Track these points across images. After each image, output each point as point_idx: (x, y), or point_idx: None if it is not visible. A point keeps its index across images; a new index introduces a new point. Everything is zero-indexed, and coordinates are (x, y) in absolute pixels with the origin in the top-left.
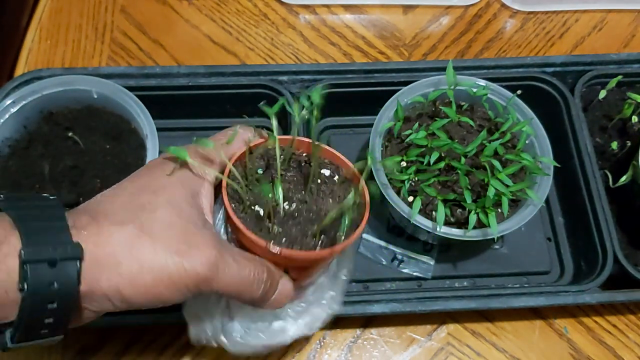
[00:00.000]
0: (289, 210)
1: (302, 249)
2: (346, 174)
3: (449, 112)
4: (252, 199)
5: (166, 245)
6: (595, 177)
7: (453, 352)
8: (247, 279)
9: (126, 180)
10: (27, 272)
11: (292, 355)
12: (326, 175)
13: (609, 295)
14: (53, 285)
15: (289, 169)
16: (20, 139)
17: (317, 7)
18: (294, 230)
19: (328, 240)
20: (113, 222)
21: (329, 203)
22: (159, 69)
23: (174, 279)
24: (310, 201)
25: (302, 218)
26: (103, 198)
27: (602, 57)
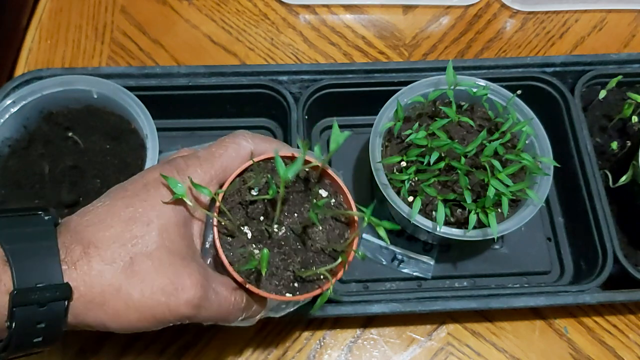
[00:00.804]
0: (277, 235)
1: (279, 283)
2: (345, 211)
3: (449, 112)
4: (243, 220)
5: (153, 286)
6: (595, 177)
7: (453, 352)
8: (226, 311)
9: (120, 198)
10: (15, 314)
11: (292, 355)
12: (323, 196)
13: (609, 295)
14: (40, 324)
15: (289, 187)
16: (20, 138)
17: (317, 7)
18: (278, 259)
19: (308, 282)
20: (103, 259)
21: (318, 233)
22: (159, 69)
23: (158, 317)
24: (300, 228)
25: (289, 247)
26: (96, 220)
27: (602, 57)
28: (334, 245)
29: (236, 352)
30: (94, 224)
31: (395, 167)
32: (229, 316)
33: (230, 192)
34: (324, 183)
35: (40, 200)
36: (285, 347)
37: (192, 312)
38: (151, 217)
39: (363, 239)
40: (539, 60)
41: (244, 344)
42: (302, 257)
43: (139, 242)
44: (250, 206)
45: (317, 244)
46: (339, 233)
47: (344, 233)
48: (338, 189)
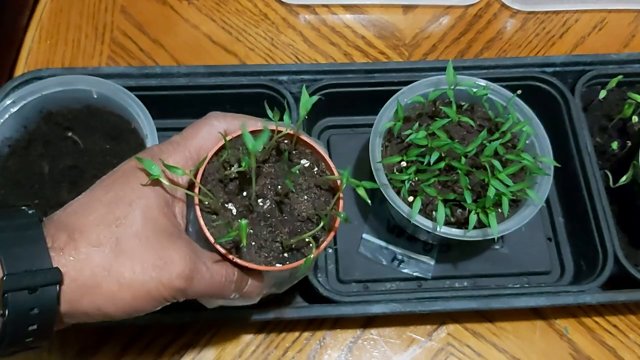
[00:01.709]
0: (262, 209)
1: (269, 255)
2: (327, 177)
3: (449, 112)
4: (226, 197)
5: (143, 262)
6: (595, 177)
7: (453, 353)
8: (220, 283)
9: (100, 186)
10: (7, 300)
11: (292, 355)
12: (305, 167)
13: (610, 296)
14: (33, 311)
15: (269, 160)
16: (20, 138)
17: (317, 7)
18: (265, 231)
19: (296, 250)
20: (90, 242)
21: (304, 200)
22: (159, 69)
23: (152, 293)
24: (285, 200)
25: (275, 219)
26: (79, 207)
27: (602, 57)
28: (320, 212)
29: (236, 352)
30: (76, 212)
31: (395, 167)
32: (223, 290)
33: (209, 171)
34: (304, 152)
35: (40, 200)
36: (285, 347)
37: (184, 285)
38: (132, 198)
39: (363, 239)
40: (539, 60)
41: (244, 344)
42: (290, 228)
43: (123, 222)
44: (231, 183)
45: (303, 213)
46: (325, 200)
47: (330, 200)
48: (319, 156)
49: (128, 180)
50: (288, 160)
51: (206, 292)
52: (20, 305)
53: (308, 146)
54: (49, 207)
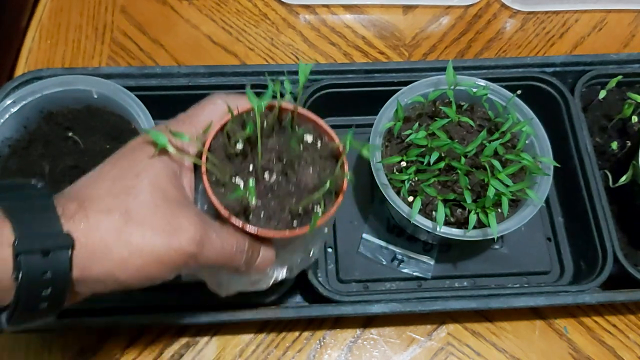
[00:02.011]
0: (268, 182)
1: (278, 224)
2: (329, 144)
3: (449, 112)
4: (233, 170)
5: (153, 228)
6: (595, 177)
7: (453, 352)
8: (230, 252)
9: (108, 162)
10: (20, 263)
11: (292, 355)
12: (309, 142)
13: (609, 295)
14: (46, 274)
15: (272, 135)
16: (21, 138)
17: (317, 7)
18: (273, 203)
19: (304, 214)
20: (100, 209)
21: (309, 173)
22: (159, 69)
23: (163, 259)
24: (290, 172)
25: (282, 190)
26: (88, 182)
27: (602, 57)
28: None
29: (236, 352)
30: (86, 185)
31: (395, 167)
32: (233, 258)
33: (215, 147)
34: (306, 127)
35: None
36: (285, 347)
37: (195, 249)
38: (140, 169)
39: (363, 239)
40: (539, 60)
41: (244, 344)
42: (297, 198)
43: (132, 191)
44: (237, 158)
45: (309, 184)
46: (330, 171)
47: (335, 170)
48: (320, 130)
49: (135, 154)
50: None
51: (217, 259)
52: (33, 268)
53: (309, 120)
54: None
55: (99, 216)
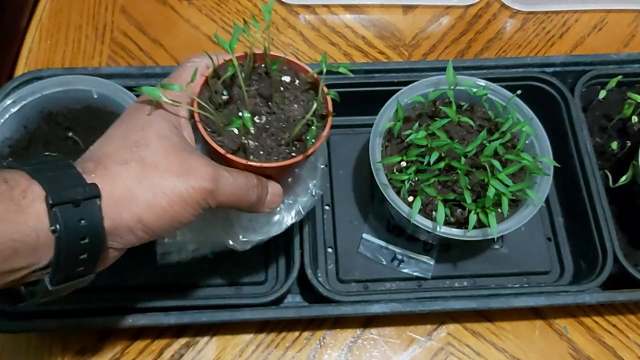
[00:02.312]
0: (260, 123)
1: (278, 157)
2: (306, 78)
3: (449, 112)
4: (225, 120)
5: (170, 170)
6: (595, 177)
7: (453, 352)
8: (243, 186)
9: (113, 126)
10: (57, 214)
11: (292, 355)
12: (287, 82)
13: (609, 295)
14: (81, 222)
15: (251, 84)
16: (20, 138)
17: (317, 7)
18: (269, 141)
19: (300, 143)
20: (116, 162)
21: (294, 108)
22: (159, 69)
23: (185, 197)
24: (277, 111)
25: (274, 129)
26: (98, 145)
27: (602, 57)
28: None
29: (236, 352)
30: (97, 147)
31: (395, 167)
32: (247, 193)
33: (203, 100)
34: (282, 68)
35: None
36: (285, 347)
37: (212, 185)
38: (143, 124)
39: (363, 239)
40: (539, 60)
41: (244, 344)
42: (290, 131)
43: (141, 142)
44: (225, 108)
45: (298, 117)
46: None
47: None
48: (296, 67)
49: (136, 113)
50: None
51: (232, 194)
52: (69, 217)
53: (282, 61)
54: None
55: (118, 167)
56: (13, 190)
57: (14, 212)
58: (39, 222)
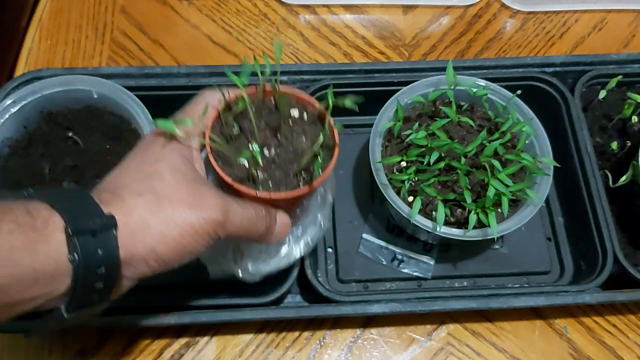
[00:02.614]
0: (269, 156)
1: (287, 188)
2: (314, 111)
3: (449, 112)
4: (235, 152)
5: (182, 202)
6: (595, 177)
7: (453, 352)
8: (252, 217)
9: (127, 159)
10: (75, 243)
11: (292, 355)
12: (295, 116)
13: (609, 295)
14: (98, 252)
15: (261, 117)
16: (21, 138)
17: (317, 7)
18: (277, 173)
19: (308, 175)
20: (132, 193)
21: (302, 141)
22: (159, 69)
23: (197, 228)
24: (286, 143)
25: (282, 160)
26: (114, 175)
27: (602, 57)
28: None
29: (236, 352)
30: (113, 178)
31: (395, 167)
32: (256, 224)
33: (214, 132)
34: (291, 102)
35: None
36: (285, 347)
37: (222, 217)
38: (157, 156)
39: (363, 239)
40: (539, 60)
41: (244, 344)
42: (298, 163)
43: (155, 175)
44: (236, 141)
45: (306, 149)
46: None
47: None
48: (303, 101)
49: (151, 146)
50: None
51: (241, 226)
52: (87, 247)
53: (290, 95)
54: None
55: (133, 198)
56: (35, 221)
57: (37, 242)
58: (59, 251)
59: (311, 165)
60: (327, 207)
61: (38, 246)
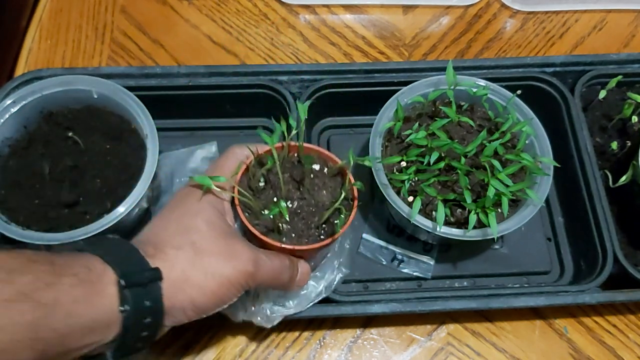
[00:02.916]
0: (292, 208)
1: (308, 240)
2: (334, 167)
3: (449, 112)
4: (262, 205)
5: (218, 255)
6: (595, 177)
7: (453, 352)
8: (278, 268)
9: (167, 209)
10: (127, 295)
11: (292, 355)
12: (316, 170)
13: (609, 295)
14: (146, 303)
15: (285, 171)
16: (21, 138)
17: (317, 7)
18: (300, 224)
19: (328, 227)
20: (173, 246)
21: (323, 194)
22: (159, 69)
23: (231, 279)
24: (308, 197)
25: (305, 213)
26: (155, 229)
27: (602, 57)
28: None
29: (236, 352)
30: (155, 230)
31: (395, 167)
32: (281, 273)
33: (242, 186)
34: (312, 158)
35: (40, 201)
36: (285, 347)
37: (253, 269)
38: (195, 210)
39: (363, 239)
40: (539, 60)
41: (244, 344)
42: (319, 216)
43: (193, 228)
44: (262, 194)
45: (326, 203)
46: (340, 186)
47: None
48: (325, 157)
49: (188, 198)
50: (300, 164)
51: (269, 276)
52: (137, 299)
53: (313, 151)
54: (50, 207)
55: (174, 252)
56: (92, 275)
57: (94, 294)
58: (112, 303)
59: (332, 217)
60: (345, 254)
61: (95, 298)
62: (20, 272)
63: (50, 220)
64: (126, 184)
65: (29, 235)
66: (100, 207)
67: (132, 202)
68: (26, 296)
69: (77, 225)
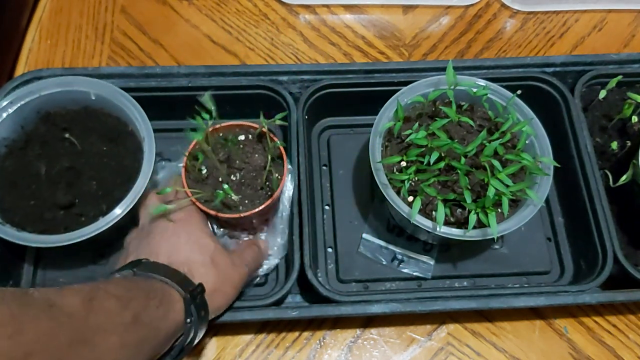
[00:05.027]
0: (237, 180)
1: (260, 202)
2: (255, 131)
3: (449, 112)
4: (212, 189)
5: (226, 264)
6: (595, 177)
7: (453, 352)
8: (255, 252)
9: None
10: (191, 309)
11: (292, 355)
12: (243, 140)
13: (609, 295)
14: (202, 313)
15: (218, 152)
16: (17, 139)
17: (317, 7)
18: (248, 191)
19: (270, 185)
20: (199, 264)
21: (256, 158)
22: (159, 69)
23: (237, 282)
24: (245, 165)
25: (248, 179)
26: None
27: (602, 57)
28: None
29: (236, 352)
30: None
31: (395, 167)
32: (258, 256)
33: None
34: (235, 131)
35: (37, 201)
36: (285, 347)
37: (247, 267)
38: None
39: (363, 239)
40: (539, 60)
41: (244, 344)
42: (260, 178)
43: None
44: (209, 180)
45: (261, 163)
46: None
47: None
48: (244, 127)
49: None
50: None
51: (254, 266)
52: (197, 310)
53: (232, 126)
54: (45, 208)
55: (202, 269)
56: (165, 296)
57: (170, 312)
58: (180, 316)
59: (269, 179)
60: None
61: (171, 315)
62: (131, 297)
63: (46, 221)
64: (122, 186)
65: (24, 236)
66: (95, 209)
67: (128, 205)
68: (137, 319)
69: (73, 227)
